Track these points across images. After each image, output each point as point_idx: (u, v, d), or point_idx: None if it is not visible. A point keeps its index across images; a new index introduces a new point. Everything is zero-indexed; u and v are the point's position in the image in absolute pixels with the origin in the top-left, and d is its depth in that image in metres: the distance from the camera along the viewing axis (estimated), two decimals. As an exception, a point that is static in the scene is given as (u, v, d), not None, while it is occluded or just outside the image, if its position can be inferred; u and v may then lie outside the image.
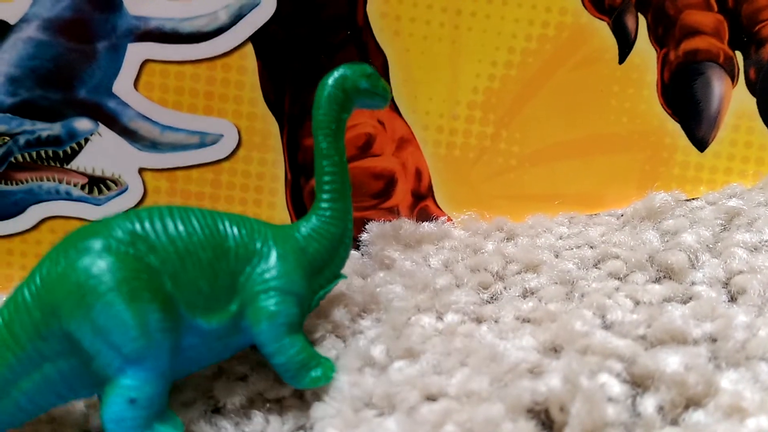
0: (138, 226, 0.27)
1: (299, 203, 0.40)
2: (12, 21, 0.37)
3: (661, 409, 0.26)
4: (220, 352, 0.28)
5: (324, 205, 0.31)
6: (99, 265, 0.25)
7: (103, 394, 0.26)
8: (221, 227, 0.28)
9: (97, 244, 0.26)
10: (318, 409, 0.28)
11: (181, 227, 0.27)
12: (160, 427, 0.26)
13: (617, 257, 0.34)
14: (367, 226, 0.40)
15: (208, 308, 0.27)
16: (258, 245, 0.29)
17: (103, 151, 0.38)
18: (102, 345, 0.25)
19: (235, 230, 0.28)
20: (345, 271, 0.33)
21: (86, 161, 0.38)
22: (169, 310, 0.26)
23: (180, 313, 0.26)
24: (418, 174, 0.40)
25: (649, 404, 0.26)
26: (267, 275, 0.28)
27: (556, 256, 0.36)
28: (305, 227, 0.31)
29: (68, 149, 0.38)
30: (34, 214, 0.39)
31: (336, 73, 0.31)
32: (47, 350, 0.25)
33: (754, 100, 0.40)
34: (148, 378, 0.26)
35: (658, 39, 0.39)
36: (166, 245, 0.27)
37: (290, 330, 0.28)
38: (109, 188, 0.39)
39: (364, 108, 0.33)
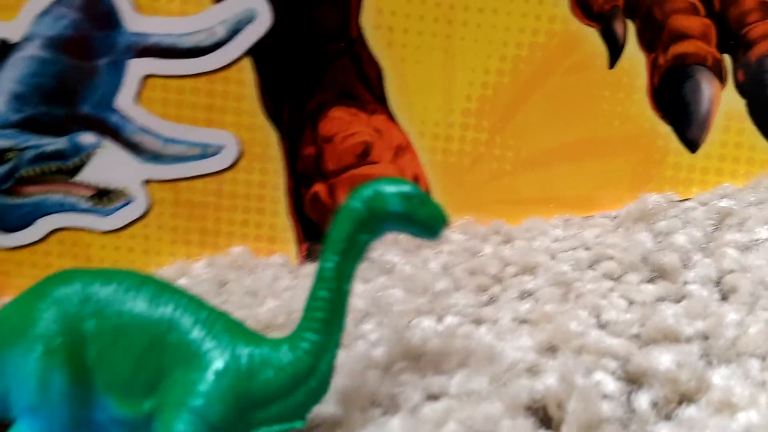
0: (99, 288, 0.25)
1: (300, 210, 0.41)
2: (15, 39, 0.38)
3: (654, 405, 0.26)
4: None
5: (301, 333, 0.26)
6: (40, 311, 0.25)
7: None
8: (177, 317, 0.25)
9: (56, 291, 0.25)
10: (324, 409, 0.28)
11: (136, 302, 0.25)
12: None
13: (611, 258, 0.35)
14: (366, 232, 0.40)
15: (123, 395, 0.25)
16: (202, 351, 0.25)
17: (107, 165, 0.39)
18: (9, 385, 0.25)
19: (189, 326, 0.25)
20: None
21: (92, 175, 0.39)
22: (79, 380, 0.25)
23: (92, 385, 0.25)
24: (416, 180, 0.41)
25: (643, 400, 0.26)
26: (189, 388, 0.24)
27: (552, 258, 0.36)
28: (269, 350, 0.25)
29: (73, 163, 0.39)
30: (42, 226, 0.40)
31: (368, 188, 0.25)
32: None
33: (743, 101, 0.40)
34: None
35: (647, 43, 0.40)
36: (111, 316, 0.25)
37: None
38: (115, 200, 0.39)
39: (408, 233, 0.27)
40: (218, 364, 0.25)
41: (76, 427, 0.25)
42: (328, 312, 0.26)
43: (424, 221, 0.26)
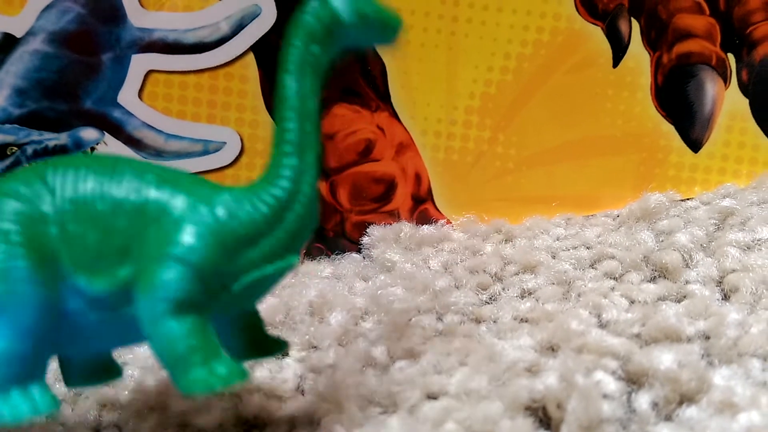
0: (50, 171, 0.24)
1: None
2: (18, 34, 0.38)
3: (655, 405, 0.26)
4: (122, 329, 0.24)
5: (273, 161, 0.24)
6: None
7: None
8: (139, 178, 0.24)
9: (8, 182, 0.24)
10: (323, 407, 0.28)
11: (93, 174, 0.23)
12: (17, 395, 0.23)
13: (613, 257, 0.35)
14: (368, 230, 0.40)
15: (93, 268, 0.23)
16: (172, 204, 0.23)
17: (109, 160, 0.39)
18: None
19: (154, 184, 0.23)
20: (347, 275, 0.33)
21: (93, 170, 0.39)
22: (42, 260, 0.23)
23: (60, 268, 0.23)
24: (418, 178, 0.41)
25: (643, 401, 0.26)
26: (166, 239, 0.23)
27: (554, 257, 0.37)
28: (244, 189, 0.24)
29: (75, 159, 0.39)
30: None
31: (319, 8, 0.24)
32: None
33: (746, 101, 0.40)
34: (8, 332, 0.22)
35: (651, 42, 0.40)
36: (66, 190, 0.23)
37: (177, 309, 0.22)
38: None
39: (364, 45, 0.26)
40: (192, 212, 0.23)
41: (48, 319, 0.23)
42: (294, 133, 0.24)
43: (377, 21, 0.24)
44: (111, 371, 0.27)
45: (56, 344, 0.24)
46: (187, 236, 0.23)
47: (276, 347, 0.27)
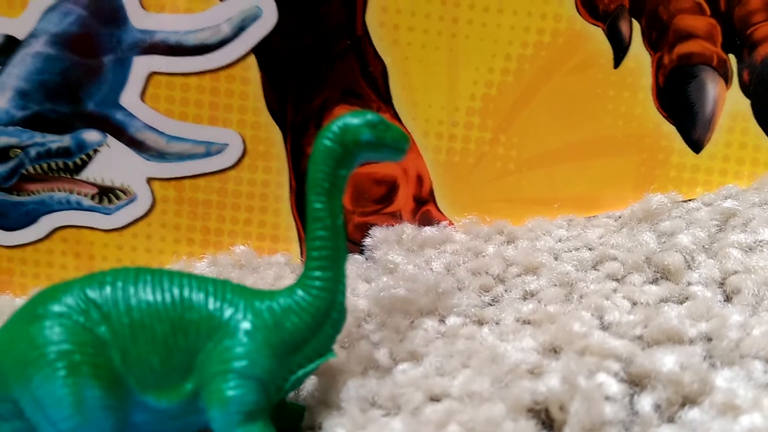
0: (96, 293, 0.25)
1: (303, 209, 0.41)
2: (21, 36, 0.38)
3: (657, 407, 0.26)
4: (182, 428, 0.26)
5: (311, 274, 0.27)
6: (44, 335, 0.25)
7: None
8: (188, 296, 0.26)
9: (50, 310, 0.25)
10: (325, 410, 0.28)
11: (141, 295, 0.25)
12: None
13: (615, 259, 0.35)
14: (370, 232, 0.40)
15: (160, 386, 0.25)
16: (225, 319, 0.26)
17: (111, 162, 0.39)
18: (41, 417, 0.25)
19: (203, 300, 0.26)
20: (349, 276, 0.33)
21: (96, 172, 0.39)
22: (112, 386, 0.25)
23: (128, 390, 0.25)
24: (420, 179, 0.41)
25: (646, 403, 0.26)
26: (227, 355, 0.25)
27: (556, 259, 0.37)
28: (285, 298, 0.27)
29: (78, 160, 0.39)
30: (46, 224, 0.40)
31: (334, 126, 0.27)
32: (2, 410, 0.25)
33: (747, 102, 0.40)
34: None
35: (652, 43, 0.40)
36: (121, 315, 0.25)
37: (246, 419, 0.25)
38: (118, 198, 0.39)
39: (375, 161, 0.29)
40: (245, 324, 0.26)
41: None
42: (329, 249, 0.27)
43: (391, 144, 0.28)
44: None
45: None
46: (248, 351, 0.26)
47: (296, 415, 0.29)
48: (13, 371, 0.25)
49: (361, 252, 0.40)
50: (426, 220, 0.41)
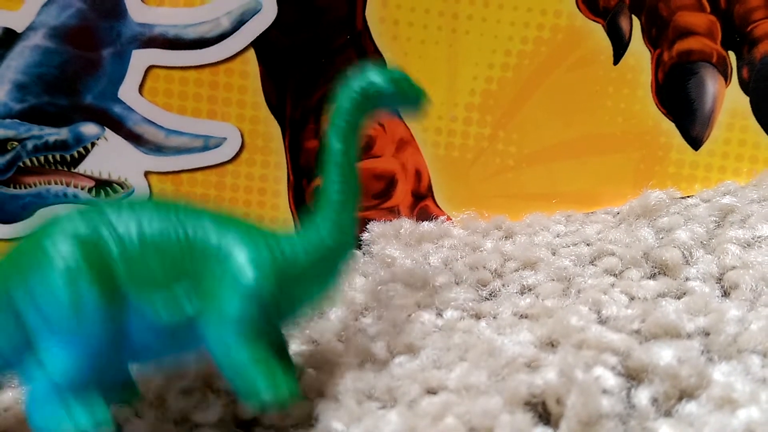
0: (113, 216, 0.26)
1: (302, 203, 0.41)
2: (19, 29, 0.38)
3: (655, 401, 0.26)
4: (178, 350, 0.27)
5: (324, 212, 0.28)
6: (52, 241, 0.25)
7: (27, 368, 0.25)
8: (200, 223, 0.26)
9: (65, 227, 0.25)
10: (322, 402, 0.28)
11: (154, 216, 0.26)
12: (80, 412, 0.25)
13: (613, 254, 0.35)
14: (368, 226, 0.40)
15: (162, 302, 0.26)
16: (233, 245, 0.26)
17: (109, 155, 0.39)
18: (37, 318, 0.25)
19: (214, 228, 0.26)
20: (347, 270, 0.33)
21: (93, 165, 0.39)
22: (112, 294, 0.25)
23: (129, 303, 0.25)
24: (418, 174, 0.41)
25: (643, 396, 0.26)
26: (232, 279, 0.26)
27: (553, 254, 0.37)
28: (296, 236, 0.28)
29: (75, 153, 0.39)
30: (42, 217, 0.40)
31: (362, 79, 0.28)
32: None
33: (747, 99, 0.40)
34: (79, 354, 0.25)
35: (651, 40, 0.40)
36: (131, 231, 0.26)
37: (243, 338, 0.25)
38: (115, 191, 0.39)
39: (394, 112, 0.31)
40: (253, 254, 0.26)
41: (112, 344, 0.25)
42: (342, 192, 0.28)
43: (411, 98, 0.30)
44: (130, 391, 0.29)
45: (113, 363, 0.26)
46: (254, 275, 0.26)
47: (291, 368, 0.29)
48: (15, 274, 0.25)
49: (359, 247, 0.40)
50: (424, 215, 0.41)
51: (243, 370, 0.25)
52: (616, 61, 0.40)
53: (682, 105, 0.40)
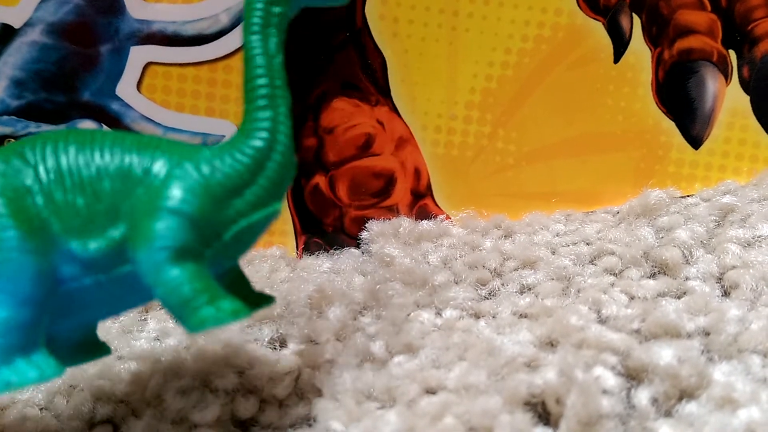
0: (28, 148, 0.25)
1: (300, 202, 0.40)
2: (17, 25, 0.38)
3: (655, 401, 0.26)
4: (116, 294, 0.25)
5: (247, 116, 0.26)
6: None
7: None
8: (119, 145, 0.25)
9: None
10: (320, 402, 0.28)
11: (71, 144, 0.25)
12: (21, 362, 0.23)
13: (613, 253, 0.35)
14: (367, 225, 0.40)
15: (85, 231, 0.24)
16: (157, 164, 0.25)
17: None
18: None
19: (134, 148, 0.25)
20: (345, 269, 0.33)
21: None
22: (33, 229, 0.23)
23: (51, 235, 0.24)
24: (417, 173, 0.41)
25: (643, 396, 0.26)
26: (156, 196, 0.24)
27: (553, 253, 0.36)
28: (223, 144, 0.26)
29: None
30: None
31: None
32: None
33: (747, 98, 0.40)
34: (8, 301, 0.23)
35: (652, 38, 0.40)
36: (47, 161, 0.24)
37: (175, 256, 0.23)
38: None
39: (319, 5, 0.28)
40: (178, 169, 0.24)
41: (44, 286, 0.24)
42: (268, 87, 0.26)
43: None
44: (98, 349, 0.28)
45: (52, 315, 0.24)
46: (178, 190, 0.24)
47: (263, 301, 0.28)
48: None
49: (358, 245, 0.40)
50: (423, 214, 0.41)
51: (177, 289, 0.23)
52: (616, 60, 0.40)
53: (682, 104, 0.40)
